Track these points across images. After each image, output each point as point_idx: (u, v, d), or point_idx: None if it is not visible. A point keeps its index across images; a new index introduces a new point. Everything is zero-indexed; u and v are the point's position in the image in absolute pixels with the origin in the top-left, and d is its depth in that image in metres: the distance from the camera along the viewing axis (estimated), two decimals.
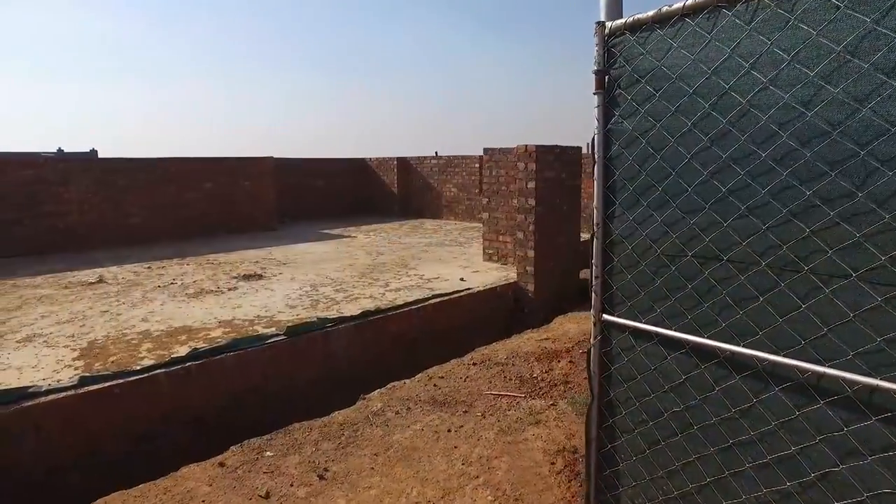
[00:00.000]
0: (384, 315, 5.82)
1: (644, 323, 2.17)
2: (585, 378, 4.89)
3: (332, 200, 15.68)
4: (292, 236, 11.54)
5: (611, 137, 2.24)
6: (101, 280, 7.42)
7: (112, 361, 4.40)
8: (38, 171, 9.61)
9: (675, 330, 2.05)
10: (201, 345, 4.78)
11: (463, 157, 14.28)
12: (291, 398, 5.02)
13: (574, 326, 6.36)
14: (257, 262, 8.66)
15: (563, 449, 3.62)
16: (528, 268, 7.43)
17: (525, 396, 4.62)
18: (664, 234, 2.09)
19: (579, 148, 8.04)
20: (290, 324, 5.20)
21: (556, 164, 7.55)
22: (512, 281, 7.48)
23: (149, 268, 8.27)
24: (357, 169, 16.20)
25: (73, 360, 4.46)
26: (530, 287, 7.42)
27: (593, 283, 2.33)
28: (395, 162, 15.46)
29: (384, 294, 6.59)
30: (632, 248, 2.21)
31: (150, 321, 5.52)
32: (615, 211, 2.26)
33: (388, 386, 4.82)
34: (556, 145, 7.52)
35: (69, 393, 3.74)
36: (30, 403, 3.57)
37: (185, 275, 7.72)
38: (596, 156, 2.27)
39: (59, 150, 10.64)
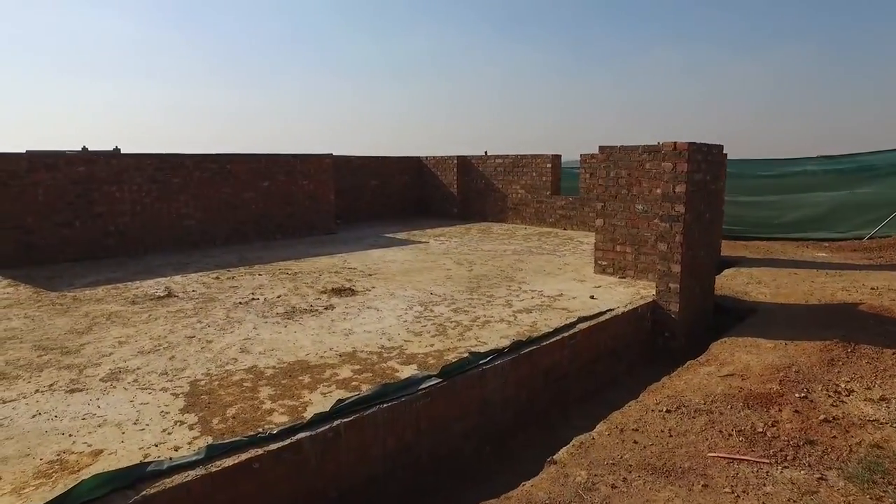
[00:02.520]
0: (537, 346, 4.72)
1: None
2: (834, 436, 3.77)
3: (387, 202, 14.63)
4: (357, 241, 10.49)
5: None
6: (169, 293, 6.39)
7: (233, 416, 3.33)
8: (92, 168, 8.63)
9: None
10: (335, 390, 3.71)
11: (532, 157, 13.17)
12: (444, 457, 3.93)
13: (751, 358, 5.22)
14: (337, 272, 7.60)
15: None
16: (671, 285, 6.28)
17: (771, 463, 3.49)
18: None
19: (721, 146, 6.89)
20: (426, 356, 4.12)
21: (703, 164, 6.41)
22: (649, 300, 6.34)
23: (217, 278, 7.25)
24: (412, 168, 15.14)
25: (181, 411, 3.40)
26: (673, 307, 6.28)
27: None
28: (455, 161, 14.38)
29: (515, 317, 5.49)
30: None
31: (252, 352, 4.46)
32: None
33: (575, 443, 3.74)
34: (704, 143, 6.37)
35: (198, 472, 2.67)
36: (154, 490, 2.50)
37: (263, 287, 6.68)
38: None
39: (116, 149, 9.67)
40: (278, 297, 6.25)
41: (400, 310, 5.72)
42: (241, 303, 5.98)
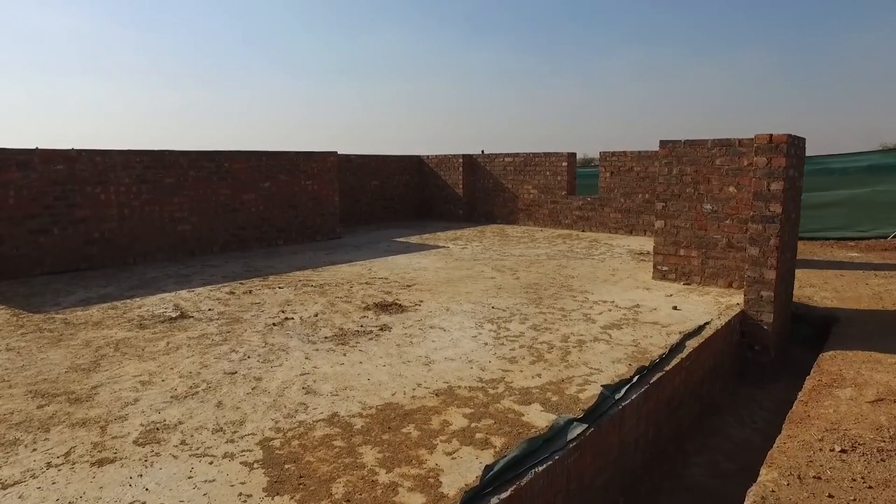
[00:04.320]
0: (662, 372, 3.89)
1: None
2: None
3: (387, 204, 13.66)
4: (369, 246, 9.51)
5: None
6: (182, 314, 5.34)
7: (345, 500, 2.38)
8: (72, 166, 7.45)
9: None
10: (460, 447, 2.79)
11: (546, 155, 12.40)
12: None
13: (889, 378, 4.49)
14: (368, 283, 6.63)
15: None
16: (763, 293, 5.54)
17: None
18: None
19: (804, 139, 6.20)
20: (542, 390, 3.25)
21: (794, 159, 5.70)
22: (735, 310, 5.60)
23: (231, 292, 6.20)
24: (412, 168, 14.21)
25: (267, 492, 2.44)
26: (766, 318, 5.55)
27: None
28: (461, 160, 13.51)
29: (608, 335, 4.66)
30: None
31: (321, 392, 3.50)
32: None
33: (756, 500, 2.91)
34: (793, 135, 5.66)
35: None
36: None
37: (291, 304, 5.68)
38: None
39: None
40: (315, 315, 5.27)
41: (469, 329, 4.82)
42: (274, 324, 4.98)
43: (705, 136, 6.61)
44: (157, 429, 3.03)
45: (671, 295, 6.15)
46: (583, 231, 11.74)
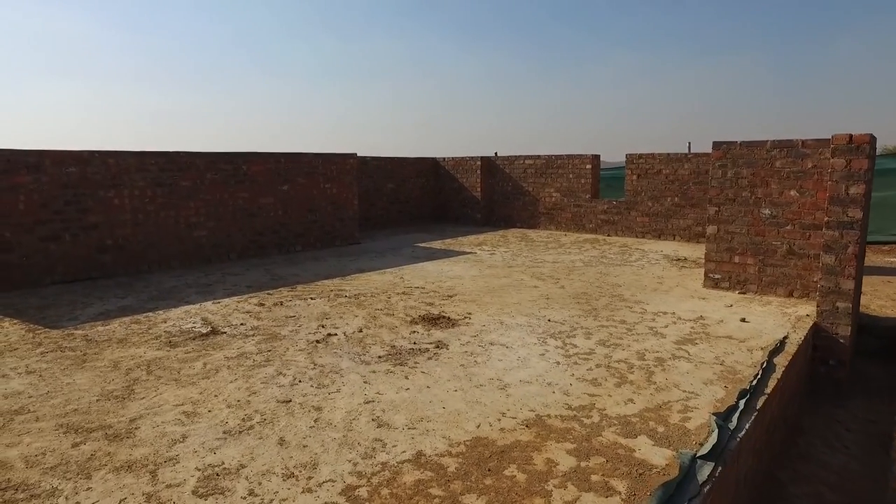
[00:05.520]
0: (765, 397, 3.49)
1: None
2: None
3: (403, 207, 13.24)
4: (393, 253, 9.09)
5: None
6: (213, 329, 4.91)
7: None
8: (84, 168, 7.00)
9: None
10: (581, 494, 2.37)
11: (569, 157, 12.02)
12: None
13: None
14: (405, 293, 6.21)
15: None
16: (839, 304, 5.16)
17: None
18: None
19: (875, 139, 5.81)
20: (641, 419, 2.85)
21: (872, 160, 5.32)
22: (805, 322, 5.20)
23: (261, 304, 5.77)
24: (428, 170, 13.80)
25: None
26: (841, 331, 5.16)
27: None
28: (479, 162, 13.11)
29: (686, 352, 4.25)
30: None
31: (394, 425, 3.07)
32: None
33: None
34: (872, 135, 5.27)
35: None
36: None
37: (329, 317, 5.26)
38: None
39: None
40: (359, 330, 4.84)
41: (534, 345, 4.41)
42: (317, 341, 4.55)
43: (723, 137, 6.23)
44: (217, 474, 2.60)
45: (731, 305, 5.75)
46: (608, 235, 11.35)
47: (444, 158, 13.81)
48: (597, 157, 11.85)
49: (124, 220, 7.38)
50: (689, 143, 13.68)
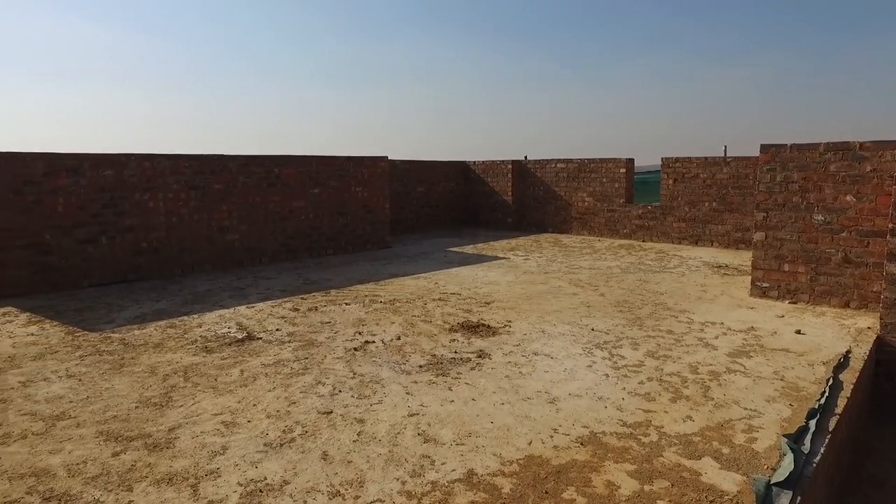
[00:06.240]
0: (836, 417, 3.26)
1: None
2: None
3: (432, 211, 13.14)
4: (424, 257, 8.97)
5: None
6: (249, 335, 4.83)
7: None
8: (121, 171, 7.04)
9: None
10: None
11: (602, 161, 11.78)
12: None
13: None
14: (441, 299, 6.07)
15: None
16: None
17: None
18: None
19: None
20: (702, 438, 2.65)
21: None
22: (871, 336, 4.91)
23: (295, 309, 5.69)
24: (458, 174, 13.68)
25: None
26: None
27: None
28: (510, 166, 12.95)
29: (742, 366, 4.03)
30: None
31: (441, 440, 2.93)
32: None
33: None
34: None
35: None
36: None
37: (365, 323, 5.14)
38: None
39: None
40: (397, 337, 4.71)
41: (579, 356, 4.23)
42: (354, 349, 4.44)
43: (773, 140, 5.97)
44: (260, 490, 2.48)
45: (782, 316, 5.49)
46: (643, 241, 11.07)
47: (474, 162, 13.67)
48: (631, 160, 11.60)
49: (158, 223, 7.40)
50: (725, 147, 13.34)
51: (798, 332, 4.93)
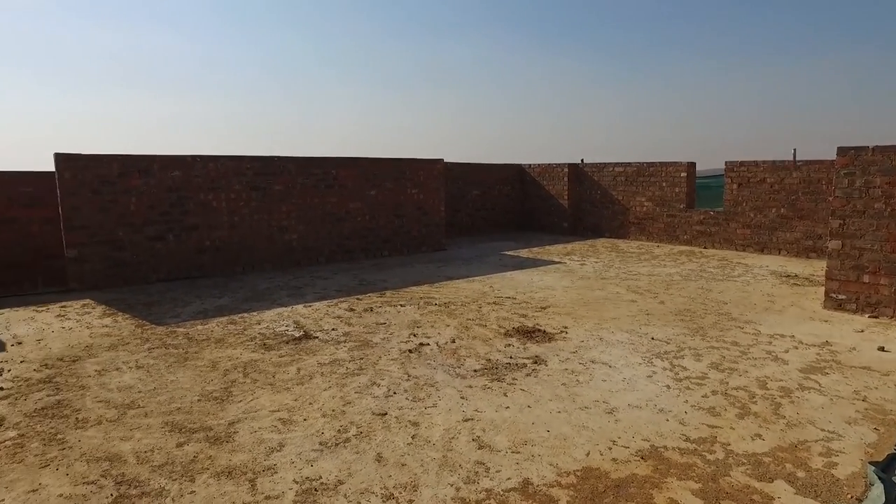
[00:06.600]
0: None
1: None
2: None
3: (487, 214, 13.08)
4: (479, 260, 8.92)
5: None
6: (306, 334, 4.91)
7: None
8: (188, 172, 7.32)
9: None
10: None
11: (662, 164, 11.42)
12: None
13: None
14: (496, 303, 6.02)
15: None
16: None
17: None
18: None
19: None
20: (773, 458, 2.49)
21: None
22: None
23: (351, 309, 5.76)
24: (513, 177, 13.57)
25: None
26: None
27: None
28: (566, 169, 12.74)
29: (817, 383, 3.79)
30: None
31: (496, 447, 2.88)
32: None
33: None
34: None
35: None
36: None
37: (420, 325, 5.14)
38: None
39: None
40: (452, 341, 4.69)
41: (638, 366, 4.09)
42: (409, 350, 4.44)
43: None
44: (315, 489, 2.50)
45: (862, 330, 5.15)
46: (704, 248, 10.67)
47: (529, 165, 13.54)
48: (692, 164, 11.20)
49: (221, 222, 7.66)
50: (795, 150, 12.69)
51: (881, 349, 4.61)
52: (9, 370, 4.02)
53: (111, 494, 2.46)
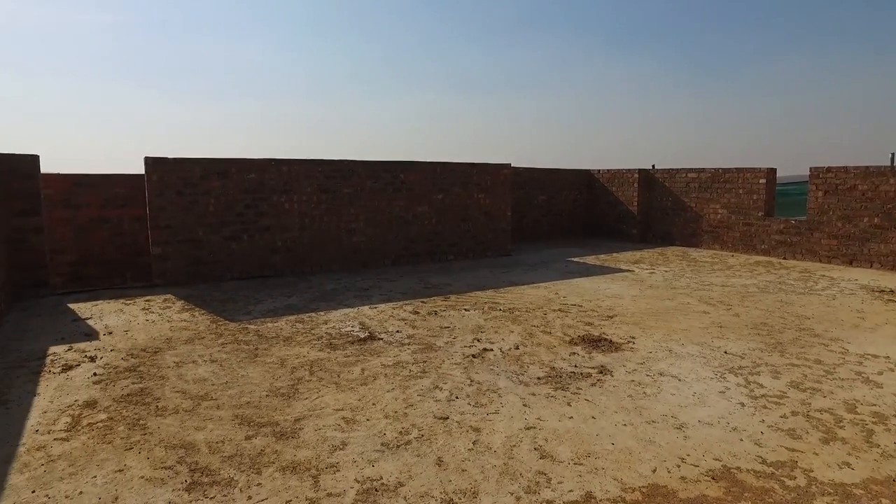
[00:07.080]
0: None
1: None
2: None
3: (554, 220, 12.90)
4: (545, 266, 8.81)
5: None
6: (370, 335, 5.00)
7: None
8: (262, 175, 7.62)
9: None
10: None
11: (738, 171, 10.90)
12: None
13: None
14: (561, 310, 5.91)
15: None
16: None
17: None
18: None
19: None
20: (864, 493, 2.26)
21: None
22: None
23: (415, 312, 5.81)
24: (582, 183, 13.33)
25: None
26: None
27: None
28: (636, 175, 12.39)
29: None
30: None
31: (558, 458, 2.82)
32: None
33: None
34: None
35: None
36: None
37: (484, 331, 5.12)
38: None
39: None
40: (516, 347, 4.64)
41: (710, 380, 3.90)
42: (473, 356, 4.43)
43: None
44: (376, 489, 2.53)
45: None
46: (784, 259, 10.08)
47: (598, 171, 13.26)
48: (773, 170, 10.63)
49: (292, 223, 7.92)
50: (893, 155, 11.79)
51: None
52: (101, 357, 4.31)
53: (185, 481, 2.58)
